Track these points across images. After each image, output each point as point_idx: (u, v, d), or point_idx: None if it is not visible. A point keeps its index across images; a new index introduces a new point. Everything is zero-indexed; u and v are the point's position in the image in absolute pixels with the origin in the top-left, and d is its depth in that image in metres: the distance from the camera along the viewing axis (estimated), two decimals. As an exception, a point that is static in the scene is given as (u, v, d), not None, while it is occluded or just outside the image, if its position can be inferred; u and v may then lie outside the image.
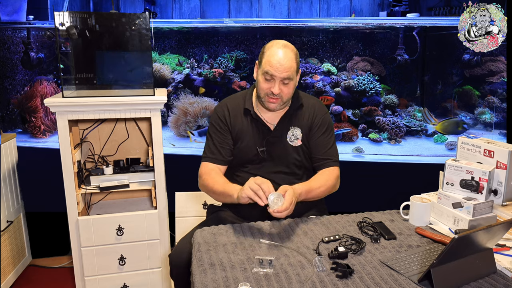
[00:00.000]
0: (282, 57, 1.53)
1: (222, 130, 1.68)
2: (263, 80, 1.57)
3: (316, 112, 1.70)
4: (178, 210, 2.52)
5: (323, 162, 1.68)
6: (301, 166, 1.71)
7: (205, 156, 1.69)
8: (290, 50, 1.56)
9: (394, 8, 3.80)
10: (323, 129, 1.70)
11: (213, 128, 1.70)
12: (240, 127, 1.68)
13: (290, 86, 1.58)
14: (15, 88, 3.77)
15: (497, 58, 3.70)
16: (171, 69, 4.01)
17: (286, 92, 1.58)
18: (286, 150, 1.67)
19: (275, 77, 1.54)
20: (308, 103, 1.72)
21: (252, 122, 1.68)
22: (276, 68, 1.53)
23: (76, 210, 2.07)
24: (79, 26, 2.01)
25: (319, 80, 3.93)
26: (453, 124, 3.69)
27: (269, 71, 1.54)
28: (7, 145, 2.49)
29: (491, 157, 1.57)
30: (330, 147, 1.70)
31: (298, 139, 1.68)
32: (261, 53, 1.61)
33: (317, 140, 1.69)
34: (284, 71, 1.53)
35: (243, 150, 1.68)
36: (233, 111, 1.69)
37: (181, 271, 1.50)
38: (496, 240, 1.22)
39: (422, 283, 1.12)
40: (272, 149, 1.67)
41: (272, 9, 3.99)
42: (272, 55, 1.54)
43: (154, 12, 4.03)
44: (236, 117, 1.69)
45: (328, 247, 1.33)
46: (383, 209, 1.66)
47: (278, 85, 1.55)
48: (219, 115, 1.70)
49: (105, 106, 2.00)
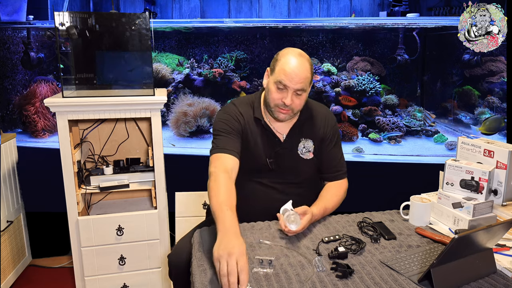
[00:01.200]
0: (297, 67, 1.45)
1: (234, 129, 1.56)
2: (275, 90, 1.49)
3: (327, 123, 1.64)
4: (178, 210, 2.52)
5: (334, 174, 1.65)
6: (309, 179, 1.66)
7: (215, 148, 1.52)
8: (306, 60, 1.48)
9: (394, 8, 3.80)
10: (334, 141, 1.65)
11: (224, 125, 1.56)
12: (251, 134, 1.59)
13: (302, 98, 1.50)
14: (15, 88, 3.77)
15: (497, 58, 3.70)
16: (171, 69, 4.01)
17: (297, 103, 1.50)
18: (296, 163, 1.61)
19: (289, 88, 1.46)
20: (319, 113, 1.65)
21: (262, 131, 1.60)
22: (291, 78, 1.44)
23: (76, 210, 2.07)
24: (79, 26, 2.01)
25: (319, 80, 3.93)
26: (495, 121, 3.63)
27: (283, 80, 1.45)
28: (7, 145, 2.49)
29: (491, 157, 1.57)
30: (340, 158, 1.67)
31: (310, 151, 1.62)
32: (273, 60, 1.52)
33: (329, 153, 1.64)
34: (299, 82, 1.45)
35: (251, 158, 1.59)
36: (245, 116, 1.60)
37: (180, 271, 1.49)
38: (496, 240, 1.22)
39: (422, 283, 1.12)
40: (281, 161, 1.60)
41: (272, 9, 3.99)
42: (287, 64, 1.46)
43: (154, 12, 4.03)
44: (248, 123, 1.60)
45: (328, 247, 1.33)
46: (383, 209, 1.65)
47: (290, 96, 1.46)
48: (232, 116, 1.58)
49: (105, 106, 2.00)
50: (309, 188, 1.66)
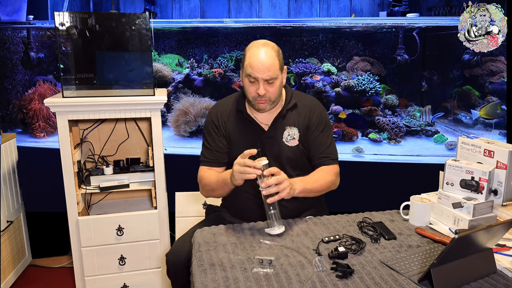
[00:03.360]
0: (262, 57, 1.50)
1: (216, 134, 1.67)
2: (248, 83, 1.55)
3: (312, 111, 1.68)
4: (178, 210, 2.52)
5: (322, 160, 1.66)
6: (296, 167, 1.67)
7: (202, 160, 1.71)
8: (271, 48, 1.53)
9: (394, 8, 3.80)
10: (320, 127, 1.67)
11: (207, 133, 1.70)
12: (233, 128, 1.66)
13: (275, 85, 1.54)
14: (15, 88, 3.77)
15: (497, 58, 3.70)
16: (171, 69, 4.01)
17: (272, 92, 1.55)
18: (281, 150, 1.65)
19: (258, 79, 1.51)
20: (302, 103, 1.69)
21: (245, 123, 1.66)
22: (258, 68, 1.50)
23: (76, 210, 2.07)
24: (79, 26, 2.01)
25: (319, 80, 3.93)
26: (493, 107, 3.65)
27: (251, 73, 1.51)
28: (7, 145, 2.49)
29: (491, 157, 1.57)
30: (329, 145, 1.68)
31: (295, 139, 1.65)
32: (242, 56, 1.58)
33: (316, 139, 1.66)
34: (266, 70, 1.50)
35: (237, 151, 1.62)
36: (225, 114, 1.68)
37: (179, 270, 1.50)
38: (496, 240, 1.22)
39: (422, 283, 1.12)
40: (267, 149, 1.64)
41: (272, 9, 3.99)
42: (252, 56, 1.51)
43: (154, 12, 4.03)
44: (229, 119, 1.67)
45: (328, 247, 1.33)
46: (383, 209, 1.65)
47: (262, 86, 1.52)
48: (212, 119, 1.69)
49: (105, 106, 2.00)
50: None
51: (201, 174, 1.69)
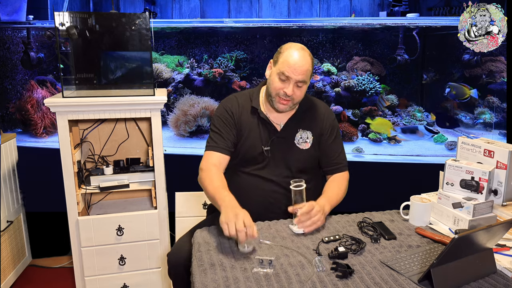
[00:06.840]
0: (300, 59, 1.53)
1: (228, 123, 1.65)
2: (277, 80, 1.56)
3: (326, 117, 1.71)
4: (178, 210, 2.52)
5: (335, 167, 1.70)
6: (304, 171, 1.67)
7: (208, 145, 1.66)
8: (308, 54, 1.57)
9: (394, 8, 3.80)
10: (333, 135, 1.70)
11: (219, 121, 1.67)
12: (246, 124, 1.66)
13: (302, 90, 1.58)
14: (15, 88, 3.77)
15: (497, 58, 3.70)
16: (171, 69, 4.01)
17: (298, 95, 1.58)
18: (292, 152, 1.65)
19: (291, 79, 1.53)
20: (318, 107, 1.72)
21: (258, 121, 1.66)
22: (294, 69, 1.52)
23: (76, 210, 2.07)
24: (79, 26, 2.01)
25: (319, 80, 3.93)
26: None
27: (286, 72, 1.53)
28: (7, 145, 2.49)
29: (491, 157, 1.57)
30: (340, 152, 1.72)
31: (307, 142, 1.67)
32: (277, 52, 1.60)
33: (329, 146, 1.69)
34: (301, 73, 1.53)
35: (247, 147, 1.66)
36: (241, 107, 1.68)
37: (180, 270, 1.50)
38: (496, 240, 1.22)
39: (422, 283, 1.12)
40: (277, 149, 1.64)
41: (272, 9, 3.99)
42: (290, 56, 1.53)
43: (154, 12, 4.03)
44: (242, 114, 1.67)
45: (328, 247, 1.33)
46: (383, 209, 1.66)
47: (292, 87, 1.54)
48: (227, 109, 1.68)
49: (105, 106, 2.00)
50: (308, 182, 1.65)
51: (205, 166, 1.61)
